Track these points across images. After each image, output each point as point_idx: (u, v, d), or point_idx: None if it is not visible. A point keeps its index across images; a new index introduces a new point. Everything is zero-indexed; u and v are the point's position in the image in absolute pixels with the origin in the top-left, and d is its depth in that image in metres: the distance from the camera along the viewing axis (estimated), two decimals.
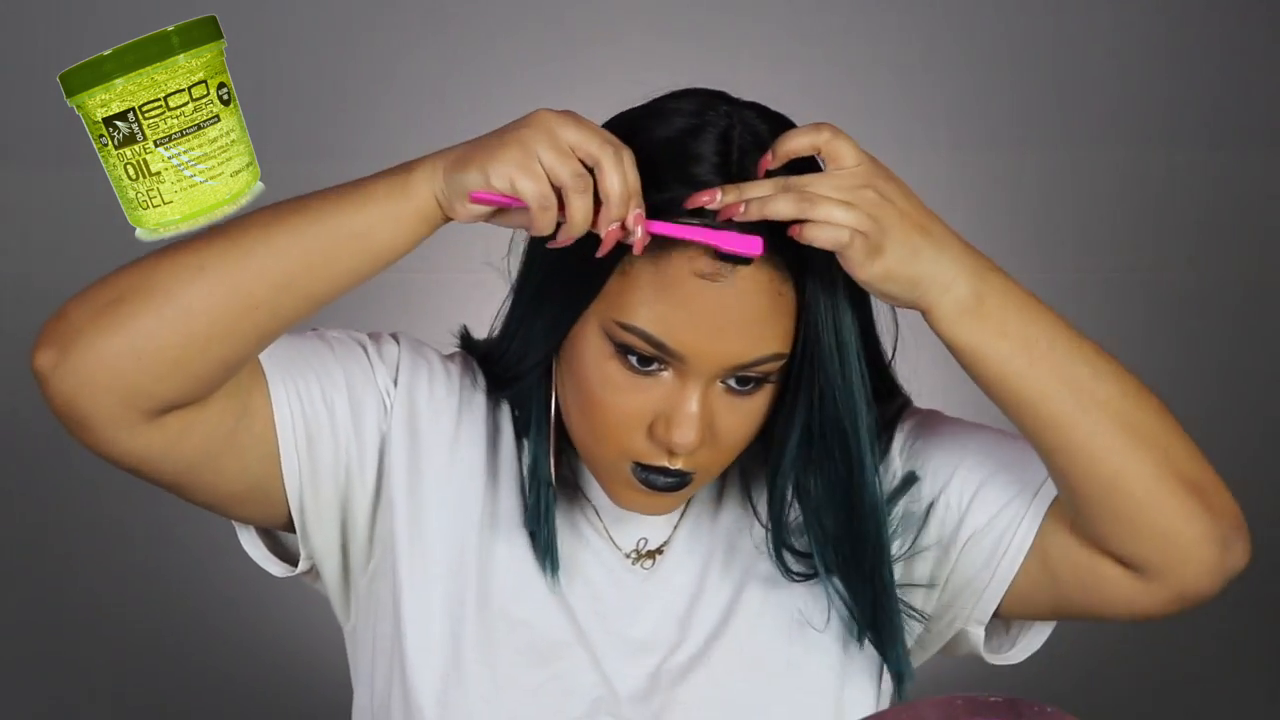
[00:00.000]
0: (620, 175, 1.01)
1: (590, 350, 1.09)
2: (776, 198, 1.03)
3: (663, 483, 1.11)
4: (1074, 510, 1.13)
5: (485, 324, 1.22)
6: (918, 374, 1.23)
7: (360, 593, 1.20)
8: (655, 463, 1.10)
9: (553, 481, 1.16)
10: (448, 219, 1.04)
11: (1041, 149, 2.58)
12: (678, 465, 1.10)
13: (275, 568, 1.21)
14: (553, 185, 1.00)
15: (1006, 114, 2.58)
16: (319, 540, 1.17)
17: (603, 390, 1.09)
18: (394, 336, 1.20)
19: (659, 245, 1.04)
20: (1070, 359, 1.08)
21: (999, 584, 1.18)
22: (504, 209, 1.02)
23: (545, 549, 1.17)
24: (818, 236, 1.02)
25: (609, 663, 1.18)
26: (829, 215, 1.01)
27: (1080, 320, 1.13)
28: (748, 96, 1.13)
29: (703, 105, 1.10)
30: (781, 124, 1.10)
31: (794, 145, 1.04)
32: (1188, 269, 2.60)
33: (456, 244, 2.51)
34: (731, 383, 1.08)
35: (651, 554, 1.21)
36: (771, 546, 1.19)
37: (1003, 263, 1.10)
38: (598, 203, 1.01)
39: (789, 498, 1.18)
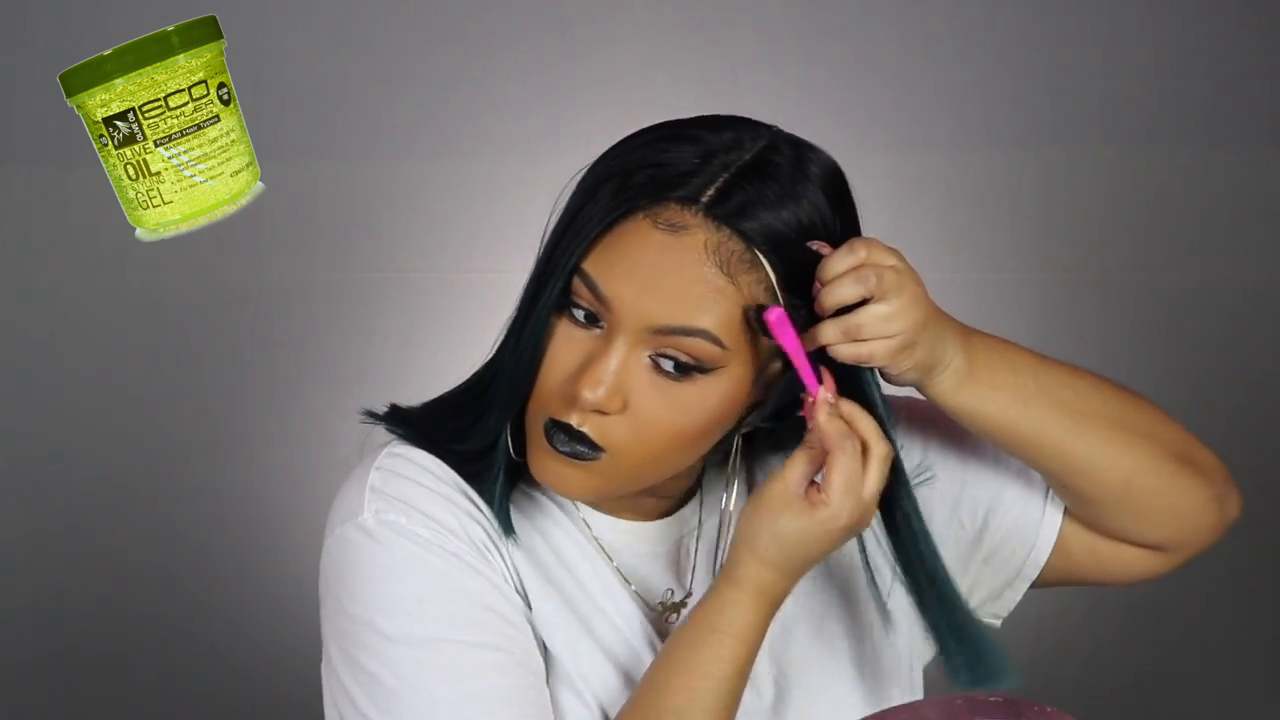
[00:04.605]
0: None
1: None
2: (828, 330, 1.06)
3: (563, 442, 1.08)
4: (1092, 518, 1.19)
5: (484, 323, 1.22)
6: None
7: None
8: (563, 418, 1.08)
9: (510, 450, 1.13)
10: None
11: (1041, 149, 2.58)
12: (584, 428, 1.07)
13: None
14: None
15: (1006, 114, 2.58)
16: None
17: (547, 341, 1.08)
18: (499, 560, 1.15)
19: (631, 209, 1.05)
20: (1055, 386, 1.13)
21: (1022, 583, 1.24)
22: None
23: (501, 512, 1.14)
24: (873, 353, 1.05)
25: None
26: (875, 331, 1.05)
27: (1079, 321, 1.15)
28: (747, 95, 1.13)
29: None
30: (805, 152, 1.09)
31: (838, 269, 1.05)
32: (1188, 269, 2.60)
33: (457, 244, 2.52)
34: (662, 362, 1.06)
35: (677, 606, 1.20)
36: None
37: (1002, 263, 1.11)
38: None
39: None
